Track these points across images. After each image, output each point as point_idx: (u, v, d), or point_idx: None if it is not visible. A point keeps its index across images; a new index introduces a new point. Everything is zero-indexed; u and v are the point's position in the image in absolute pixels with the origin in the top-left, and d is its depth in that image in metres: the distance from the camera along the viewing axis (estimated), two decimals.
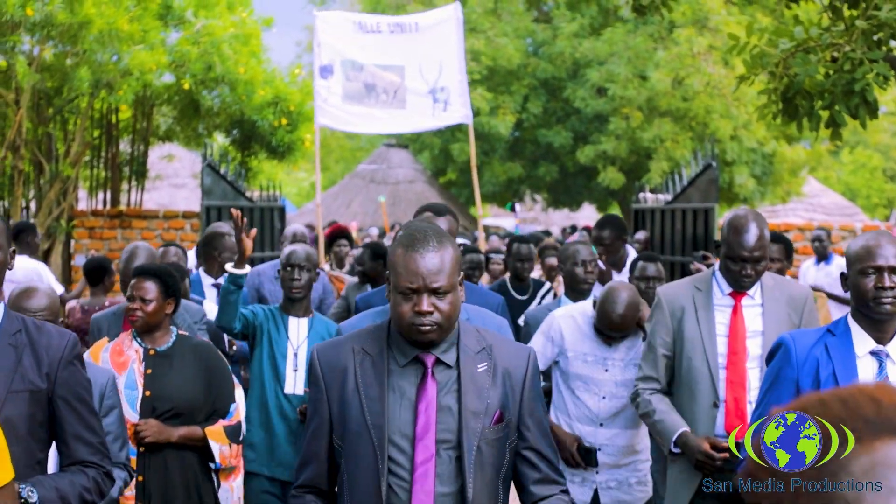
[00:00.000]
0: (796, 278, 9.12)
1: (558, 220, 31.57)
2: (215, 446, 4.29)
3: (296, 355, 5.18)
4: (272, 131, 11.35)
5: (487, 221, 25.21)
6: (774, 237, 5.95)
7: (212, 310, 5.76)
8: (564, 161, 20.02)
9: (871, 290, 3.10)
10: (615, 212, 25.13)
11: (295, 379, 5.15)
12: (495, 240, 16.01)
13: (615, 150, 18.19)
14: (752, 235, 3.87)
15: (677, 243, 9.62)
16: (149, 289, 4.31)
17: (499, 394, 2.69)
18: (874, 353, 3.15)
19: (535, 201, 25.42)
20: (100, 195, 12.30)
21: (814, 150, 19.82)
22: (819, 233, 9.63)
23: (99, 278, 6.64)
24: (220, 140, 12.93)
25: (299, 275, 5.20)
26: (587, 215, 31.85)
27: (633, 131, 17.97)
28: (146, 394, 4.24)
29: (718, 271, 4.03)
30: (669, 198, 10.04)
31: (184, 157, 23.20)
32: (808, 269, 9.70)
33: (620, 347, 4.62)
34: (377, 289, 4.60)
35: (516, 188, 21.61)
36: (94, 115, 11.50)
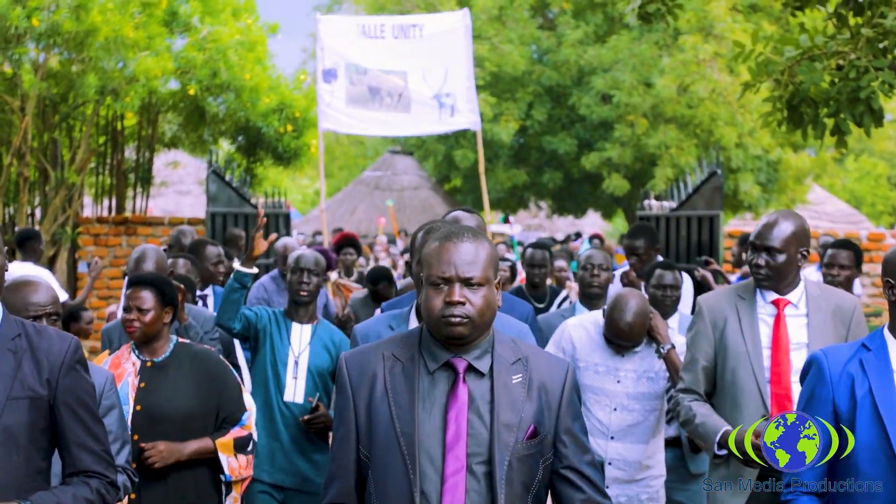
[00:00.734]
0: None
1: (563, 226, 31.56)
2: (223, 458, 4.15)
3: (296, 363, 5.09)
4: (277, 138, 11.36)
5: (493, 228, 25.20)
6: (843, 243, 5.83)
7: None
8: (569, 168, 20.02)
9: None
10: (620, 219, 25.12)
11: (295, 387, 5.06)
12: (502, 248, 15.98)
13: (620, 156, 18.18)
14: (768, 223, 3.76)
15: (682, 250, 9.61)
16: (145, 298, 4.17)
17: (534, 408, 2.57)
18: None
19: (540, 208, 25.41)
20: (105, 202, 12.31)
21: (819, 158, 19.78)
22: (827, 239, 9.60)
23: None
24: (225, 147, 12.94)
25: (308, 278, 5.14)
26: (592, 222, 31.84)
27: (637, 138, 17.96)
28: (137, 408, 4.09)
29: None
30: (674, 205, 10.04)
31: (189, 163, 23.24)
32: (810, 275, 9.67)
33: (633, 358, 4.52)
34: (405, 296, 4.44)
35: (521, 195, 21.59)
36: (99, 122, 11.53)
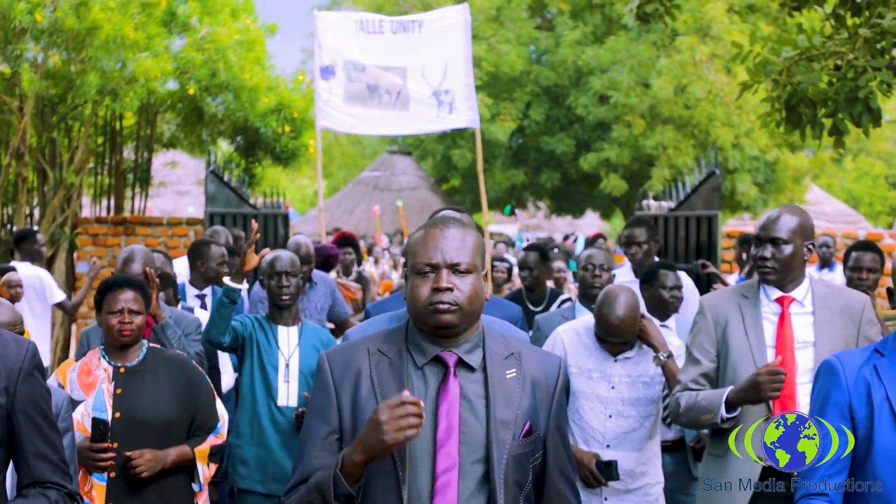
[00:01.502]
0: None
1: (561, 227, 31.58)
2: (201, 467, 4.02)
3: (287, 366, 5.00)
4: (276, 138, 11.36)
5: (491, 228, 25.21)
6: (868, 246, 5.76)
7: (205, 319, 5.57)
8: (567, 168, 20.04)
9: None
10: (618, 219, 25.13)
11: (287, 391, 4.98)
12: (501, 247, 15.94)
13: (618, 157, 18.21)
14: (773, 215, 3.70)
15: (681, 251, 9.62)
16: (137, 300, 4.06)
17: (528, 404, 2.48)
18: None
19: (538, 208, 25.43)
20: (103, 202, 12.30)
21: (817, 158, 19.82)
22: (826, 239, 9.61)
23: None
24: (223, 147, 12.94)
25: (287, 281, 5.03)
26: (590, 222, 31.85)
27: (635, 139, 17.99)
28: (116, 416, 3.93)
29: None
30: (673, 205, 10.05)
31: (188, 164, 23.21)
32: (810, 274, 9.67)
33: (627, 364, 4.37)
34: (392, 296, 4.40)
35: (519, 195, 21.62)
36: (97, 123, 11.52)
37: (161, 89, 10.24)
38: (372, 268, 13.54)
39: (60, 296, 8.01)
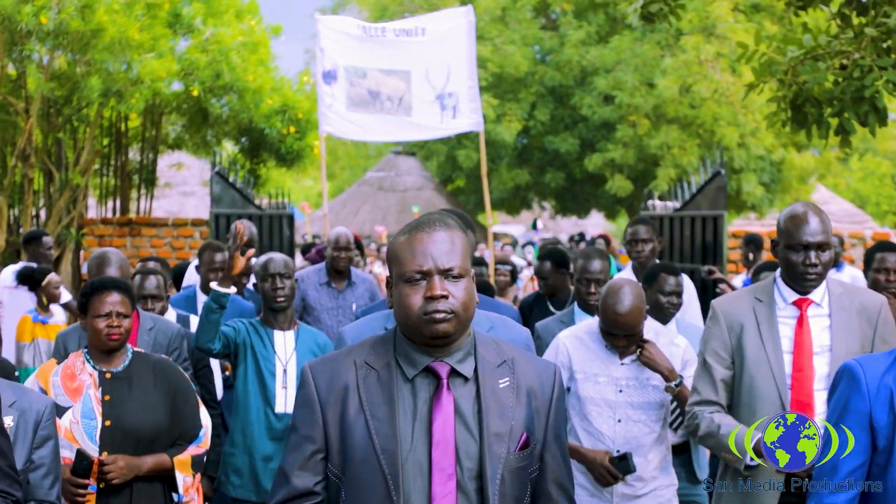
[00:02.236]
0: None
1: (567, 227, 31.58)
2: (180, 477, 3.85)
3: (285, 372, 4.86)
4: (280, 139, 11.38)
5: (496, 229, 25.21)
6: (891, 246, 5.63)
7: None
8: (572, 168, 20.04)
9: None
10: (623, 219, 25.10)
11: (286, 397, 4.83)
12: (508, 250, 15.87)
13: (623, 157, 18.20)
14: (814, 220, 3.51)
15: (686, 251, 9.61)
16: (126, 303, 3.88)
17: (524, 415, 2.33)
18: None
19: (543, 209, 25.43)
20: (109, 203, 12.34)
21: (823, 158, 19.77)
22: (833, 239, 9.56)
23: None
24: (228, 148, 12.96)
25: (282, 283, 4.90)
26: (595, 223, 31.85)
27: (640, 139, 17.98)
28: (106, 423, 3.76)
29: (780, 278, 3.63)
30: (678, 205, 10.04)
31: (193, 165, 23.18)
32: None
33: (633, 366, 4.25)
34: (382, 300, 4.33)
35: (524, 195, 21.62)
36: (103, 124, 11.55)
37: (166, 91, 10.26)
38: (380, 269, 13.51)
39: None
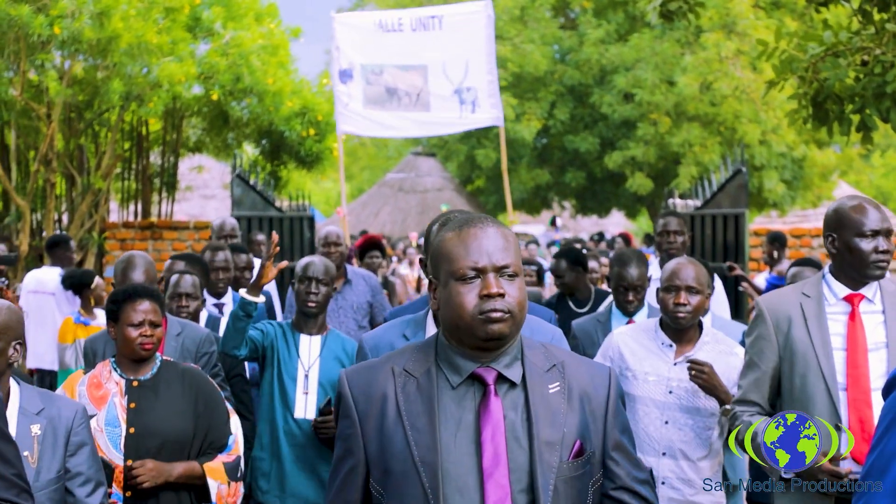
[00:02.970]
0: None
1: (587, 226, 31.50)
2: (213, 484, 3.80)
3: (306, 377, 4.78)
4: (300, 141, 11.40)
5: (516, 229, 25.17)
6: None
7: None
8: (592, 167, 19.98)
9: None
10: (644, 218, 25.02)
11: (306, 403, 4.76)
12: (533, 248, 15.78)
13: (643, 155, 18.12)
14: (876, 209, 3.36)
15: (707, 249, 9.57)
16: (157, 311, 3.84)
17: (577, 420, 2.21)
18: None
19: (564, 208, 25.38)
20: (131, 207, 12.41)
21: (844, 154, 19.62)
22: None
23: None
24: (249, 151, 13.00)
25: (317, 288, 4.82)
26: (616, 221, 31.76)
27: (661, 137, 17.90)
28: (130, 431, 3.73)
29: (829, 274, 3.50)
30: (699, 203, 9.99)
31: (213, 167, 23.35)
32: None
33: (685, 367, 4.05)
34: (411, 302, 4.20)
35: (544, 195, 21.57)
36: (124, 128, 11.61)
37: (186, 94, 10.31)
38: (406, 269, 13.46)
39: None
